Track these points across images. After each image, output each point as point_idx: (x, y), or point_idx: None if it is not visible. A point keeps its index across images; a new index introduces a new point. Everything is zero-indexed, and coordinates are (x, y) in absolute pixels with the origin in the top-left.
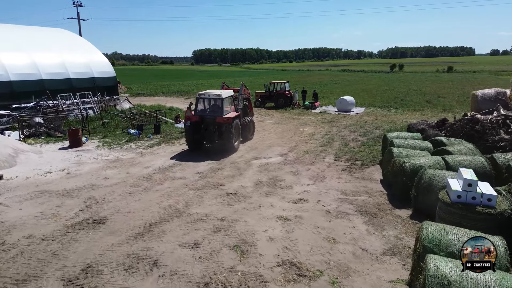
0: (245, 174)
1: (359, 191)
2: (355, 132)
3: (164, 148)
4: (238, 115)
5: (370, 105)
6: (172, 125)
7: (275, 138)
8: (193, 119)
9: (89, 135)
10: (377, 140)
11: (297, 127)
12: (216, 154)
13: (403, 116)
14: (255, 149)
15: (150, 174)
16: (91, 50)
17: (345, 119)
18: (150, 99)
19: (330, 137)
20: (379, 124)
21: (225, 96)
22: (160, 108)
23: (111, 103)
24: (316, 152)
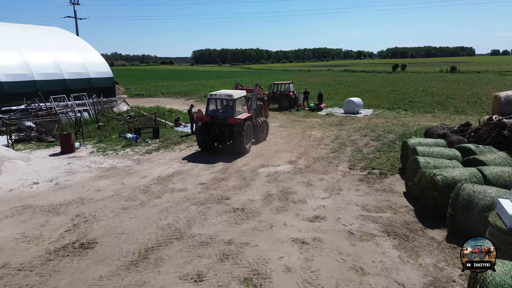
0: (252, 185)
1: (382, 206)
2: (367, 136)
3: (163, 155)
4: (250, 116)
5: (378, 107)
6: (172, 128)
7: (282, 143)
8: (204, 120)
9: (83, 140)
10: (392, 146)
11: (304, 130)
12: (224, 157)
13: (414, 119)
14: (261, 156)
15: (148, 185)
16: (87, 49)
17: (354, 122)
18: (149, 100)
19: (340, 141)
20: (391, 127)
21: (237, 96)
22: (159, 110)
23: (107, 105)
24: (328, 159)
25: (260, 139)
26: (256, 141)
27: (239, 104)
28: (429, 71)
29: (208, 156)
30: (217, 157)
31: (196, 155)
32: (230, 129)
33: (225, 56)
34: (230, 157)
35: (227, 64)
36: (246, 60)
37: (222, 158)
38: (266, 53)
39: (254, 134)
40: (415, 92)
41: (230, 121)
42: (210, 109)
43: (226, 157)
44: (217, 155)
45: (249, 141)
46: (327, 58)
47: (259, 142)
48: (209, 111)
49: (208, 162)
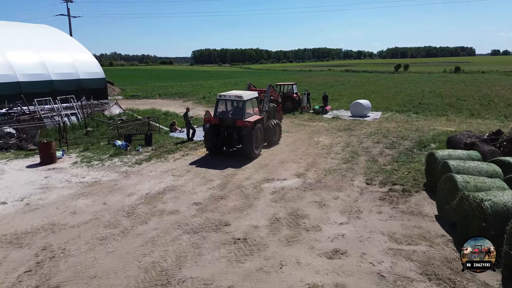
0: (255, 205)
1: (413, 235)
2: (380, 143)
3: (154, 166)
4: (261, 119)
5: (386, 109)
6: (166, 134)
7: (287, 151)
8: (213, 122)
9: (67, 148)
10: (410, 155)
11: (311, 136)
12: (224, 168)
13: (427, 123)
14: (265, 166)
15: (133, 205)
16: (78, 48)
17: (363, 126)
18: (145, 102)
19: (352, 150)
20: (404, 132)
21: (247, 98)
22: (154, 113)
23: (98, 108)
24: (340, 171)
25: (273, 143)
26: (268, 145)
27: (249, 105)
28: (432, 71)
29: (205, 167)
30: (215, 167)
31: (191, 167)
32: (239, 132)
33: (225, 56)
34: (230, 168)
35: (226, 64)
36: (246, 60)
37: (221, 170)
38: (266, 53)
39: (265, 137)
40: (423, 93)
41: (239, 124)
42: (219, 111)
43: (225, 169)
44: (216, 165)
45: (259, 145)
46: (327, 58)
47: (271, 146)
48: (218, 112)
49: (205, 175)
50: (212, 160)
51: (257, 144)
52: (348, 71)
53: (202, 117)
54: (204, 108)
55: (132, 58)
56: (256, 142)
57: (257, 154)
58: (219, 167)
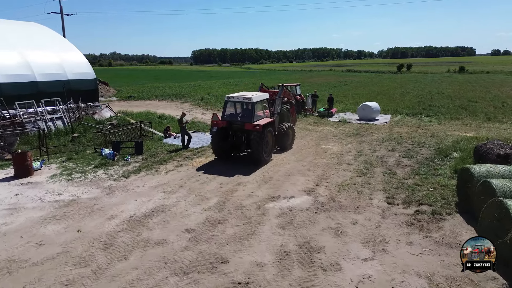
0: (259, 232)
1: (457, 277)
2: (395, 151)
3: (143, 179)
4: (272, 122)
5: (395, 112)
6: (160, 140)
7: (293, 160)
8: (220, 125)
9: (48, 158)
10: (431, 166)
11: (318, 143)
12: (222, 181)
13: (442, 127)
14: (269, 180)
15: (113, 233)
16: (67, 48)
17: (374, 131)
18: (140, 103)
19: (365, 160)
20: (419, 138)
21: (257, 99)
22: (148, 117)
23: (87, 112)
24: (356, 186)
25: (285, 147)
26: (281, 149)
27: (259, 108)
28: (435, 71)
29: (200, 181)
30: (212, 181)
31: (185, 180)
32: (247, 136)
33: (224, 56)
34: (229, 182)
35: (226, 64)
36: (245, 60)
37: (219, 184)
38: (266, 53)
39: (278, 141)
40: (430, 94)
41: (247, 127)
42: (227, 113)
43: (224, 183)
44: (212, 179)
45: (269, 149)
46: (327, 58)
47: (285, 151)
48: (226, 115)
49: (200, 191)
50: (209, 171)
51: (267, 148)
52: (349, 71)
53: (200, 121)
54: (202, 110)
55: (132, 58)
56: (266, 147)
57: (267, 159)
58: (217, 181)
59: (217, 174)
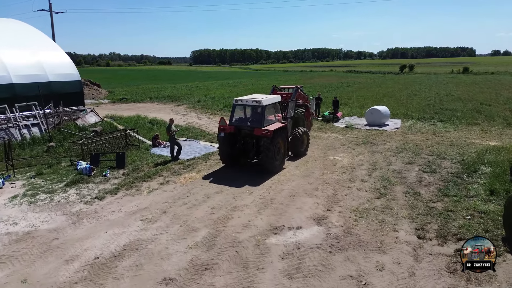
0: (258, 283)
1: None
2: (413, 163)
3: (120, 202)
4: (284, 126)
5: (405, 116)
6: (147, 150)
7: (298, 176)
8: (228, 130)
9: (13, 172)
10: (461, 184)
11: (325, 153)
12: (217, 204)
13: (460, 134)
14: (270, 203)
15: (68, 284)
16: (48, 46)
17: (385, 139)
18: (132, 106)
19: (381, 175)
20: (438, 148)
21: (268, 103)
22: (138, 122)
23: (69, 117)
24: (375, 212)
25: (299, 153)
26: (294, 156)
27: (270, 111)
28: (439, 72)
29: (188, 205)
30: (202, 204)
31: (169, 203)
32: (257, 142)
33: (224, 56)
34: (223, 205)
35: (226, 65)
36: (245, 60)
37: (211, 209)
38: (265, 53)
39: (291, 147)
40: (439, 96)
41: (257, 133)
42: (236, 118)
43: (215, 206)
44: (202, 201)
45: (281, 157)
46: (327, 59)
47: (298, 158)
48: (234, 119)
49: (186, 218)
50: (199, 189)
51: (279, 156)
52: (351, 72)
53: (194, 127)
54: (198, 114)
55: (131, 58)
56: (278, 154)
57: (278, 167)
58: (208, 204)
59: (209, 194)
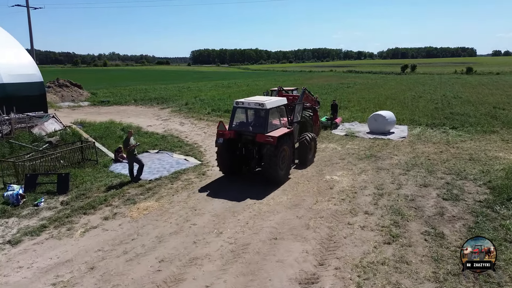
0: None
1: None
2: (428, 186)
3: (39, 249)
4: (290, 132)
5: (413, 122)
6: (107, 166)
7: (284, 205)
8: (227, 136)
9: None
10: (495, 219)
11: (320, 170)
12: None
13: (478, 145)
14: (242, 252)
15: None
16: (5, 43)
17: (391, 151)
18: (112, 110)
19: (390, 204)
20: (456, 164)
21: (272, 105)
22: (109, 129)
23: (24, 124)
24: (386, 269)
25: (306, 161)
26: (301, 164)
27: (275, 115)
28: (441, 72)
29: (128, 256)
30: (148, 253)
31: (104, 253)
32: (260, 150)
33: (224, 56)
34: (178, 255)
35: (225, 65)
36: (245, 61)
37: (159, 261)
38: (265, 53)
39: (298, 155)
40: (446, 99)
41: (259, 139)
42: (236, 122)
43: (168, 257)
44: (150, 249)
45: (286, 166)
46: (327, 59)
47: (305, 167)
48: (235, 124)
49: (119, 281)
50: (152, 226)
51: (284, 165)
52: (351, 72)
53: (173, 135)
54: (182, 118)
55: (131, 59)
56: (283, 163)
57: (283, 177)
58: (156, 253)
59: (162, 236)
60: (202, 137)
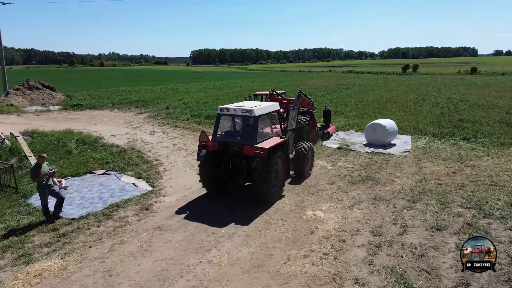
0: None
1: None
2: (442, 229)
3: None
4: (283, 142)
5: (417, 131)
6: (24, 198)
7: (239, 268)
8: (211, 147)
9: None
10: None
11: (302, 201)
12: None
13: (497, 162)
14: None
15: None
16: None
17: (393, 171)
18: (83, 115)
19: (391, 263)
20: (474, 190)
21: (261, 112)
22: (62, 140)
23: None
24: None
25: (303, 174)
26: (297, 176)
27: (266, 123)
28: (444, 73)
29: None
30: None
31: None
32: (248, 163)
33: (224, 56)
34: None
35: (224, 65)
36: (245, 60)
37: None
38: (265, 53)
39: (293, 167)
40: (452, 102)
41: (247, 151)
42: (221, 132)
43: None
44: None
45: (279, 181)
46: (328, 59)
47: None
48: (219, 134)
49: None
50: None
51: (276, 180)
52: (350, 72)
53: (134, 148)
54: (155, 126)
55: (130, 58)
56: (275, 178)
57: (275, 195)
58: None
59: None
60: (169, 151)
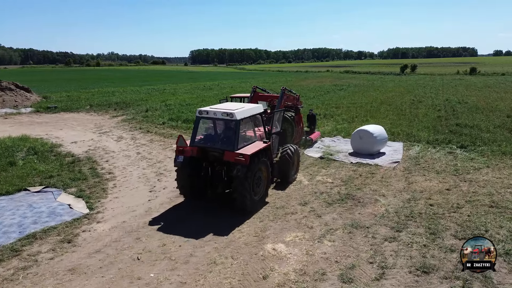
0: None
1: None
2: (430, 271)
3: None
4: (266, 147)
5: (410, 137)
6: None
7: None
8: (188, 153)
9: None
10: None
11: (262, 229)
12: None
13: (498, 175)
14: None
15: None
16: None
17: (378, 187)
18: (53, 118)
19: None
20: (471, 214)
21: (243, 115)
22: (14, 147)
23: None
24: None
25: (288, 179)
26: (282, 182)
27: (248, 126)
28: (443, 73)
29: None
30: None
31: None
32: (228, 170)
33: (223, 56)
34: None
35: (223, 65)
36: (244, 61)
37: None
38: (265, 53)
39: (278, 172)
40: (450, 104)
41: (228, 158)
42: (200, 136)
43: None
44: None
45: (262, 189)
46: (327, 59)
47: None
48: (198, 138)
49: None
50: None
51: (259, 188)
52: (348, 72)
53: (91, 157)
54: (125, 131)
55: (129, 59)
56: (258, 185)
57: (257, 204)
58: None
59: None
60: (129, 161)
